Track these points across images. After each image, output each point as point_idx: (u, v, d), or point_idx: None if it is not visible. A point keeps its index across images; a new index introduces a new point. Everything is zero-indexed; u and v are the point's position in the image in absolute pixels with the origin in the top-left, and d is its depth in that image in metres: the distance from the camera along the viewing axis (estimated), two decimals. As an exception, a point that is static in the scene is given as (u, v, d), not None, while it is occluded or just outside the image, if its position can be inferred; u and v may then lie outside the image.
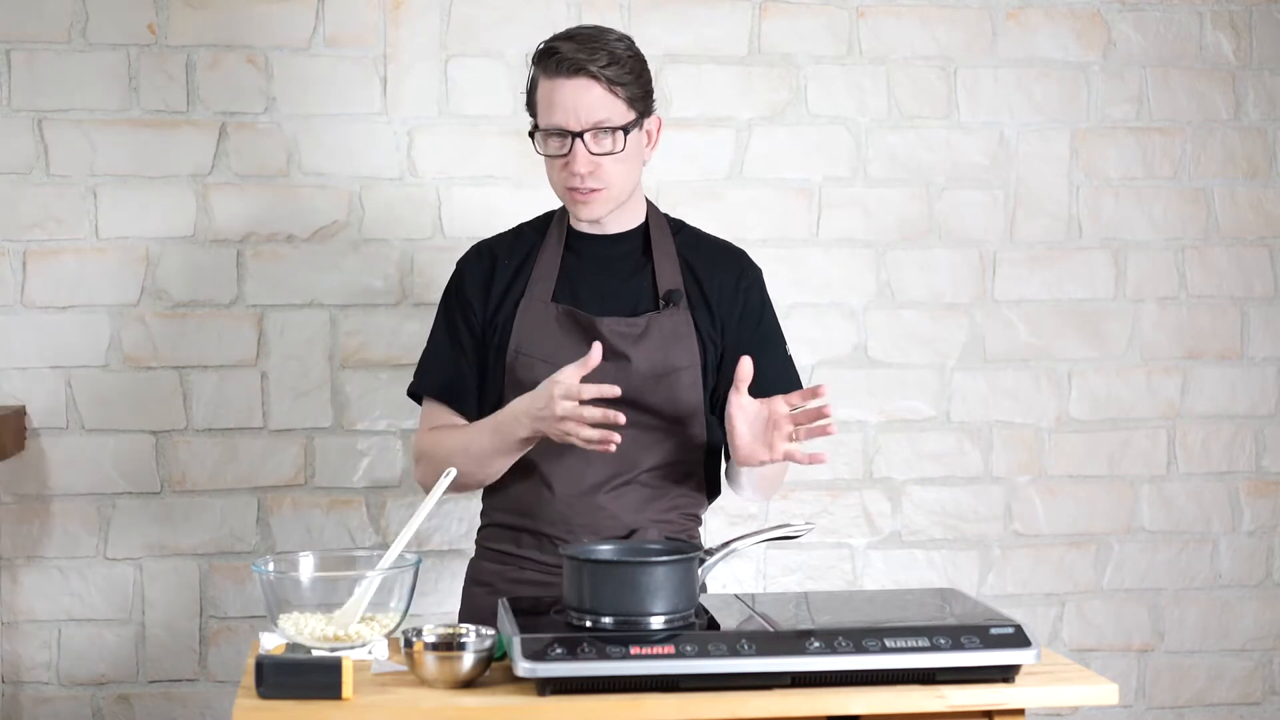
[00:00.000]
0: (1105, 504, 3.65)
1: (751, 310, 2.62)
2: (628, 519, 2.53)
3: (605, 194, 2.50)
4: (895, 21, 3.55)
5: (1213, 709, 3.69)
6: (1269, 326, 3.71)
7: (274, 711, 1.99)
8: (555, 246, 2.59)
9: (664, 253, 2.59)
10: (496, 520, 2.62)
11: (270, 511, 3.38)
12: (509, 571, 2.56)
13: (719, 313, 2.58)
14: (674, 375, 2.52)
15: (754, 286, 2.64)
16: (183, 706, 3.37)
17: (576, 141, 2.46)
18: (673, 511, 2.58)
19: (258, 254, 3.37)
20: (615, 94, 2.47)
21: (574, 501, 2.52)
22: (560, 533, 2.51)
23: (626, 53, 2.50)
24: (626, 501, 2.53)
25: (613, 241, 2.59)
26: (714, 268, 2.61)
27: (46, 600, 3.34)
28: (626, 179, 2.52)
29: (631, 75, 2.49)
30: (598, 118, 2.46)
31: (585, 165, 2.47)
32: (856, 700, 2.05)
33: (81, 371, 3.33)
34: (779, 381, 2.56)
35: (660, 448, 2.54)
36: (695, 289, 2.58)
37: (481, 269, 2.62)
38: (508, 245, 2.64)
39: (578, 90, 2.45)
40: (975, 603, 2.29)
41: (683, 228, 2.66)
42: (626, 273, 2.58)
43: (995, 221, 3.60)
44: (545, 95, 2.48)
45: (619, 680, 2.03)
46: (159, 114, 3.34)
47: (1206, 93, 3.67)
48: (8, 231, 3.31)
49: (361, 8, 3.39)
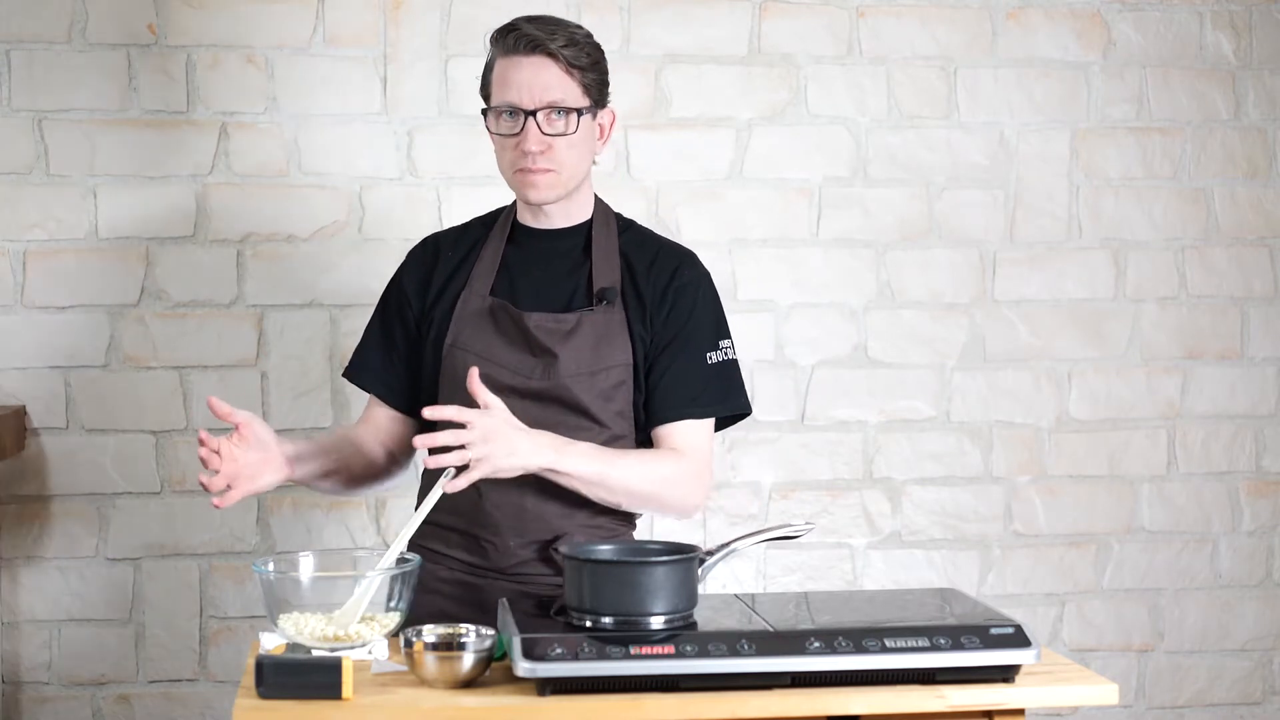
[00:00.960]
0: (1105, 504, 3.65)
1: (678, 313, 2.53)
2: (555, 524, 2.48)
3: (555, 176, 2.47)
4: (895, 21, 3.55)
5: (1213, 709, 3.69)
6: (1269, 326, 3.71)
7: (274, 711, 1.99)
8: (499, 240, 2.57)
9: (604, 250, 2.55)
10: (428, 518, 2.52)
11: (270, 511, 3.38)
12: (439, 570, 2.51)
13: (650, 311, 2.52)
14: (602, 374, 2.48)
15: (687, 288, 2.54)
16: (183, 706, 3.37)
17: (529, 120, 2.43)
18: (600, 517, 2.52)
19: (258, 254, 3.37)
20: (571, 76, 2.45)
21: (502, 504, 2.47)
22: (488, 535, 2.48)
23: (586, 40, 2.49)
24: (554, 506, 2.48)
25: (555, 236, 2.56)
26: (652, 267, 2.55)
27: (46, 600, 3.34)
28: (578, 165, 2.49)
29: (589, 60, 2.47)
30: (553, 97, 2.44)
31: (537, 144, 2.44)
32: (856, 700, 2.05)
33: (81, 371, 3.33)
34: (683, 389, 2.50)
35: None
36: (631, 288, 2.53)
37: (424, 263, 2.60)
38: (453, 238, 2.62)
39: (534, 68, 2.43)
40: (975, 603, 2.29)
41: (631, 226, 2.61)
42: (565, 269, 2.54)
43: (995, 221, 3.60)
44: (500, 73, 2.46)
45: (619, 680, 2.03)
46: (159, 114, 3.34)
47: (1206, 93, 3.67)
48: (8, 231, 3.31)
49: (361, 8, 3.39)
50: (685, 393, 2.50)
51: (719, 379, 2.54)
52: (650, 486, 2.47)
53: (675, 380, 2.50)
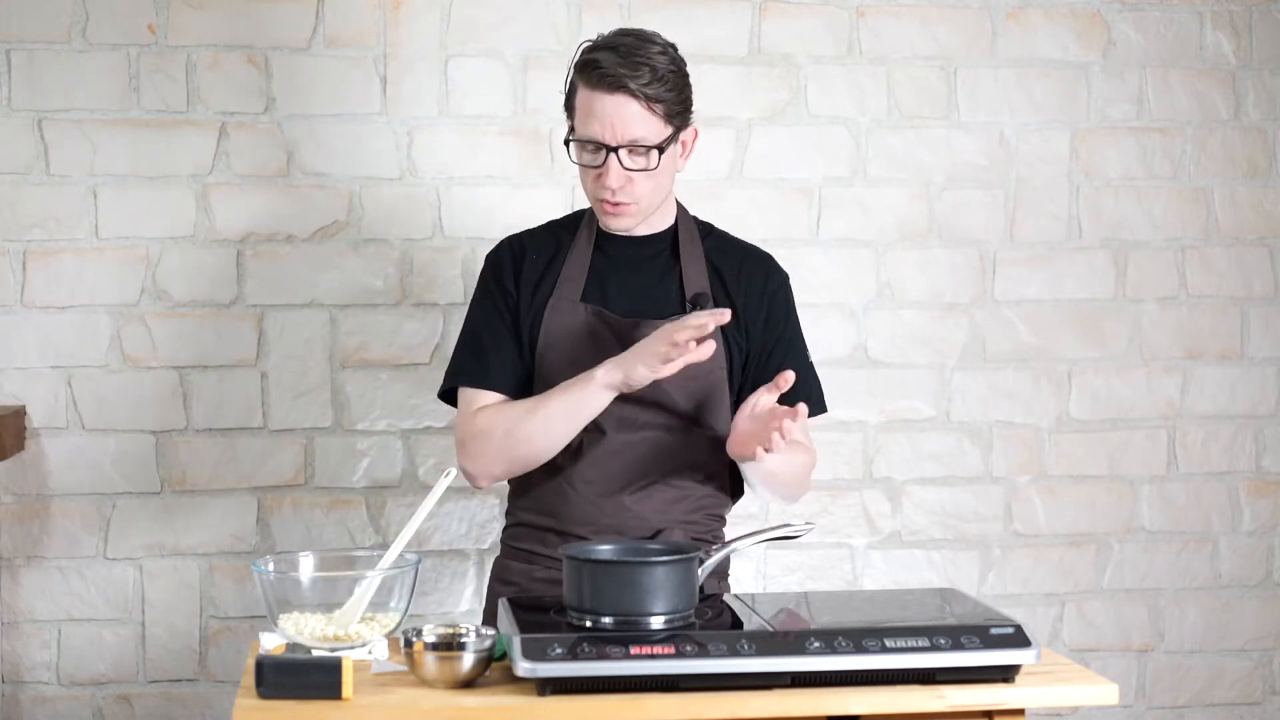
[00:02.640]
0: (1105, 504, 3.65)
1: (776, 315, 2.61)
2: (654, 520, 2.52)
3: (634, 208, 2.50)
4: (895, 21, 3.55)
5: (1213, 709, 3.69)
6: (1269, 326, 3.71)
7: (274, 711, 2.00)
8: (585, 246, 2.58)
9: (692, 256, 2.59)
10: (522, 520, 2.61)
11: (270, 511, 3.38)
12: (535, 571, 2.56)
13: (745, 316, 2.57)
14: (699, 378, 2.51)
15: (780, 291, 2.63)
16: (183, 706, 3.37)
17: (611, 156, 2.44)
18: (698, 512, 2.58)
19: (258, 254, 3.37)
20: (653, 111, 2.45)
21: (600, 502, 2.51)
22: (587, 533, 2.51)
23: (669, 67, 2.47)
24: (653, 503, 2.53)
25: (642, 243, 2.59)
26: (740, 271, 2.60)
27: (46, 600, 3.34)
28: (657, 193, 2.52)
29: (673, 92, 2.47)
30: (634, 135, 2.44)
31: (618, 180, 2.46)
32: (856, 700, 2.05)
33: (81, 371, 3.33)
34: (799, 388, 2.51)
35: (686, 450, 2.54)
36: (722, 292, 2.58)
37: (513, 259, 2.60)
38: (538, 240, 2.63)
39: (615, 105, 2.43)
40: (975, 603, 2.29)
41: (711, 231, 2.66)
42: (655, 275, 2.57)
43: (995, 221, 3.60)
44: (583, 105, 2.46)
45: (619, 680, 2.03)
46: (159, 114, 3.34)
47: (1206, 93, 3.67)
48: (8, 231, 3.31)
49: (361, 8, 3.39)
50: (802, 391, 2.50)
51: (817, 378, 2.64)
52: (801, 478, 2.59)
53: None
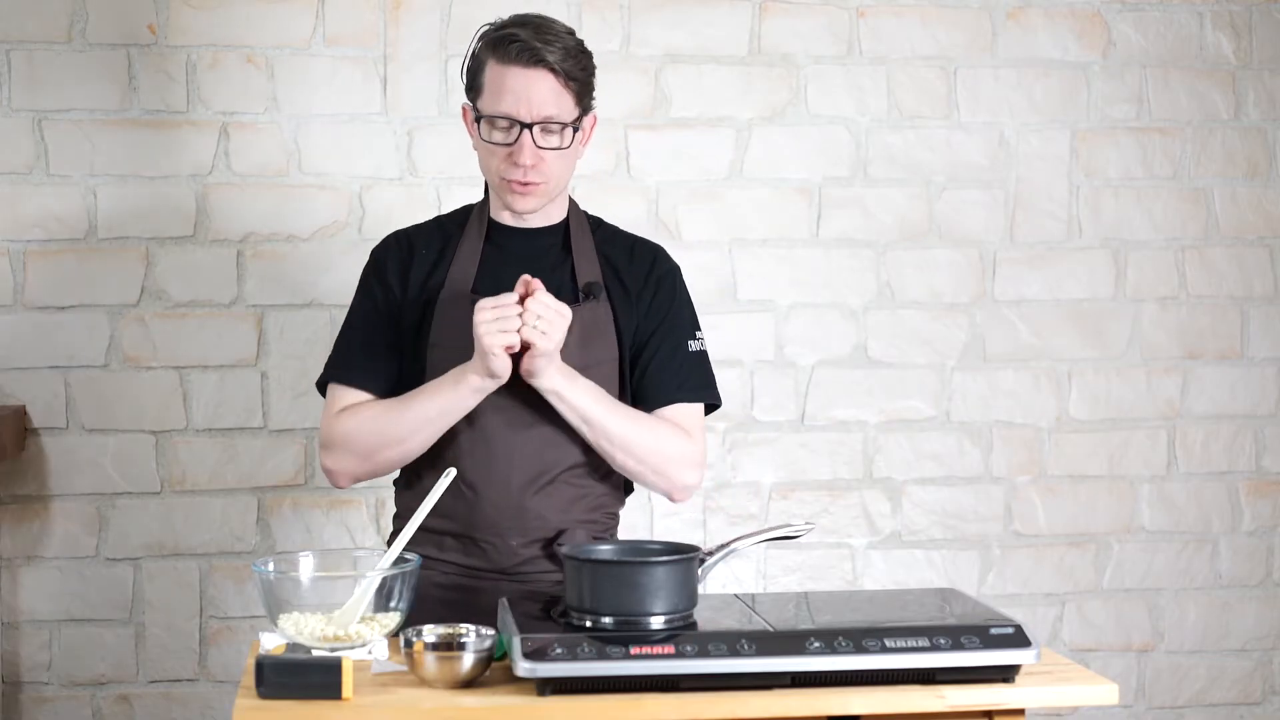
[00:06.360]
0: (1105, 504, 3.65)
1: (661, 299, 2.57)
2: (555, 520, 2.49)
3: (543, 188, 2.47)
4: (895, 21, 3.55)
5: (1213, 709, 3.69)
6: (1269, 326, 3.71)
7: (274, 711, 1.99)
8: (475, 239, 2.55)
9: (583, 247, 2.56)
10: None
11: (270, 511, 3.38)
12: (433, 576, 2.48)
13: (636, 306, 2.55)
14: (593, 370, 2.48)
15: (667, 278, 2.59)
16: (183, 706, 3.37)
17: (524, 133, 2.42)
18: (597, 511, 2.54)
19: (258, 254, 3.37)
20: (567, 89, 2.44)
21: (500, 504, 2.47)
22: (489, 536, 2.47)
23: (578, 48, 2.47)
24: (552, 502, 2.49)
25: (534, 235, 2.55)
26: (631, 261, 2.58)
27: (46, 600, 3.34)
28: (564, 174, 2.50)
29: (584, 72, 2.46)
30: (549, 112, 2.43)
31: (531, 158, 2.43)
32: (856, 700, 2.05)
33: (81, 371, 3.33)
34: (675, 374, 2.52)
35: (581, 444, 2.50)
36: (615, 282, 2.55)
37: (399, 257, 2.56)
38: (426, 235, 2.59)
39: (532, 81, 2.41)
40: (975, 603, 2.29)
41: (601, 224, 2.63)
42: (547, 266, 2.53)
43: (995, 221, 3.60)
44: (495, 79, 2.44)
45: (619, 680, 2.03)
46: (159, 114, 3.34)
47: (1206, 93, 3.67)
48: (8, 231, 3.31)
49: (361, 8, 3.39)
50: (675, 377, 2.52)
51: (699, 366, 2.58)
52: (652, 454, 2.48)
53: (664, 365, 2.52)
